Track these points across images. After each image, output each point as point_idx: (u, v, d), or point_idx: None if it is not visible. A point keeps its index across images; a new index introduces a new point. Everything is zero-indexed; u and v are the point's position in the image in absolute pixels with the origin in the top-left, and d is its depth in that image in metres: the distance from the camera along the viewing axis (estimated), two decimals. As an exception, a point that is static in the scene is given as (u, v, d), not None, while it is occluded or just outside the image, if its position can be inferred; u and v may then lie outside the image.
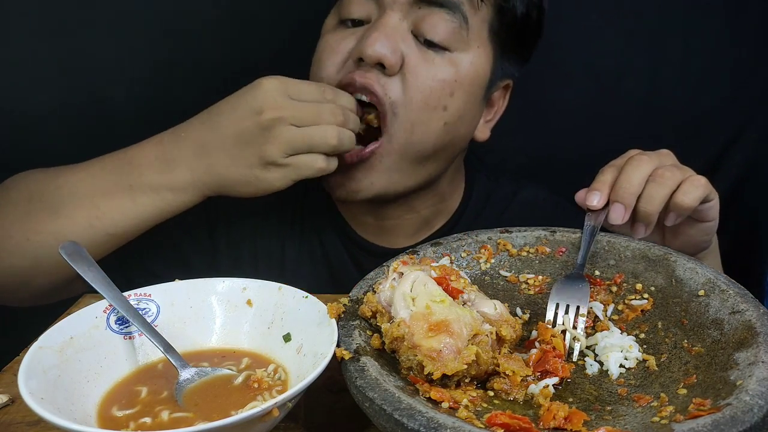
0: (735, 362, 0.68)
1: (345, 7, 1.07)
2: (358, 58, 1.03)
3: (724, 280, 0.81)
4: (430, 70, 1.04)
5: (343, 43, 1.07)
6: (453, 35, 1.04)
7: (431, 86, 1.04)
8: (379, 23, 1.03)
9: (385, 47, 1.01)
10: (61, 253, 0.82)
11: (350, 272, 1.23)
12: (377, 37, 1.01)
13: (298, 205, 1.26)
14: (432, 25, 1.03)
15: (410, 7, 1.03)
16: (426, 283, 0.78)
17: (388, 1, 1.03)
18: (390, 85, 1.03)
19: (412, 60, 1.03)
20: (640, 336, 0.82)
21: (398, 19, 1.03)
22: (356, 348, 0.72)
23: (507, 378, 0.73)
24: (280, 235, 1.25)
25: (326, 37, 1.09)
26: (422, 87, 1.04)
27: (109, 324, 0.79)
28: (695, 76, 1.51)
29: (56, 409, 0.63)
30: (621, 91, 1.53)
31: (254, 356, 0.81)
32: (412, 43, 1.04)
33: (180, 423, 0.69)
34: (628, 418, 0.67)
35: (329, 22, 1.11)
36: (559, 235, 0.97)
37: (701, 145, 1.55)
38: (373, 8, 1.05)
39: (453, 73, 1.05)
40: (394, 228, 1.23)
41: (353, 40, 1.06)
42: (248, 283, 0.85)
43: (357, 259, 1.24)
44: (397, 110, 1.04)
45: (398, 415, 0.61)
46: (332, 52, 1.07)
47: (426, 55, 1.04)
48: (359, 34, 1.06)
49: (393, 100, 1.04)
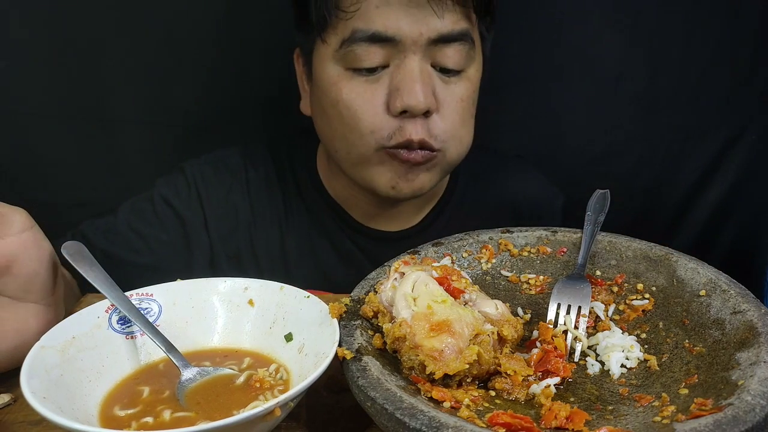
0: (736, 362, 0.68)
1: (355, 57, 1.04)
2: (402, 111, 1.04)
3: (726, 280, 0.81)
4: (455, 94, 1.09)
5: (373, 94, 1.06)
6: (466, 59, 1.08)
7: (462, 106, 1.10)
8: (409, 71, 1.03)
9: (428, 96, 1.04)
10: (63, 253, 0.83)
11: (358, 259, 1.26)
12: (418, 89, 1.03)
13: (293, 199, 1.28)
14: (449, 57, 1.06)
15: (428, 46, 1.04)
16: (427, 283, 0.78)
17: (408, 44, 1.03)
18: (435, 129, 1.08)
19: (441, 93, 1.07)
20: (642, 336, 0.82)
21: (420, 59, 1.04)
22: (358, 348, 0.72)
23: (508, 378, 0.73)
24: (280, 230, 1.26)
25: (346, 89, 1.07)
26: (456, 111, 1.09)
27: (111, 324, 0.79)
28: (695, 76, 1.51)
29: (58, 409, 0.63)
30: (621, 91, 1.53)
31: (256, 356, 0.81)
32: (435, 77, 1.07)
33: (182, 422, 0.69)
34: (629, 417, 0.67)
35: (333, 69, 1.08)
36: (560, 235, 0.97)
37: (701, 145, 1.55)
38: (389, 53, 1.04)
39: (470, 86, 1.12)
40: (398, 214, 1.26)
41: (381, 89, 1.06)
42: (250, 282, 0.85)
43: (360, 244, 1.27)
44: (447, 145, 1.10)
45: (400, 414, 0.61)
46: (366, 103, 1.06)
47: (448, 83, 1.08)
48: (385, 82, 1.06)
49: (443, 140, 1.09)
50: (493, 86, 1.27)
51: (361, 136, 1.08)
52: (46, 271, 0.82)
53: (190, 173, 1.28)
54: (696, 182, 1.57)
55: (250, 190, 1.28)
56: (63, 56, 1.45)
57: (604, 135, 1.57)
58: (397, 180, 1.11)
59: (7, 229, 0.79)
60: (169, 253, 1.25)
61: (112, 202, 1.31)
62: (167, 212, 1.26)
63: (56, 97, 1.48)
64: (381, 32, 1.02)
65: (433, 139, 1.07)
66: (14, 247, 0.78)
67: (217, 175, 1.28)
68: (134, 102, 1.50)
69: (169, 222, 1.26)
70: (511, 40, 1.45)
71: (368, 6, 1.02)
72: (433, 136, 1.07)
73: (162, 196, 1.27)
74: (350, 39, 1.04)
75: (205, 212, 1.26)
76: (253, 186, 1.28)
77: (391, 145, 1.07)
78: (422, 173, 1.11)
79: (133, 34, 1.46)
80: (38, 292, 0.82)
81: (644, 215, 1.60)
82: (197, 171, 1.28)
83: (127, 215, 1.26)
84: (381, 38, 1.02)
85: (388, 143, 1.07)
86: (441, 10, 1.02)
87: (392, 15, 1.01)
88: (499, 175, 1.37)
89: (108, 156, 1.53)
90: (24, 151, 1.50)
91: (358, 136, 1.08)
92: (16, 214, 0.80)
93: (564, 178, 1.52)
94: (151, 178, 1.30)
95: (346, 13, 1.03)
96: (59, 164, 1.52)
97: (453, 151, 1.12)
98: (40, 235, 0.83)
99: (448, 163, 1.14)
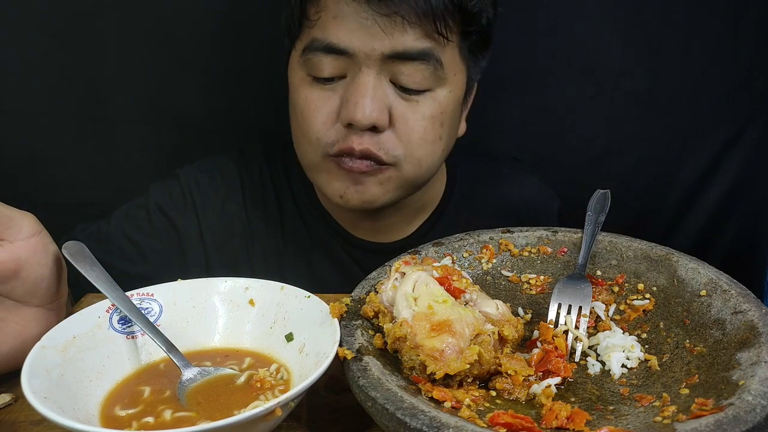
0: (737, 362, 0.68)
1: (313, 66, 1.04)
2: (348, 123, 1.03)
3: (726, 280, 0.81)
4: (417, 113, 1.06)
5: (325, 102, 1.05)
6: (430, 79, 1.05)
7: (423, 126, 1.07)
8: (360, 84, 1.01)
9: (374, 111, 1.01)
10: (64, 253, 0.83)
11: (354, 270, 1.24)
12: (365, 103, 1.01)
13: (289, 208, 1.27)
14: (409, 76, 1.03)
15: (383, 61, 1.01)
16: (428, 283, 0.78)
17: (362, 58, 1.01)
18: (386, 144, 1.05)
19: (398, 110, 1.05)
20: (642, 336, 0.82)
21: (375, 74, 1.02)
22: (359, 348, 0.72)
23: (509, 378, 0.73)
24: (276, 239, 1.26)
25: (303, 95, 1.07)
26: (415, 130, 1.06)
27: (111, 323, 0.79)
28: (695, 76, 1.51)
29: (59, 409, 0.63)
30: (621, 91, 1.53)
31: (257, 356, 0.81)
32: (393, 93, 1.04)
33: (182, 422, 0.69)
34: (630, 417, 0.67)
35: (297, 74, 1.08)
36: (560, 235, 0.97)
37: (701, 145, 1.55)
38: (344, 64, 1.03)
39: (437, 107, 1.07)
40: (388, 226, 1.25)
41: (334, 98, 1.05)
42: (251, 282, 0.85)
43: (357, 258, 1.26)
44: (400, 161, 1.07)
45: (401, 414, 0.61)
46: (317, 111, 1.06)
47: (409, 102, 1.05)
48: (339, 92, 1.04)
49: (394, 155, 1.06)
50: (492, 86, 1.27)
51: (309, 142, 1.08)
52: (53, 276, 0.82)
53: (185, 181, 1.27)
54: (696, 182, 1.57)
55: (245, 199, 1.27)
56: (63, 56, 1.45)
57: (604, 135, 1.57)
58: (344, 189, 1.09)
59: (16, 233, 0.78)
60: (163, 262, 1.24)
61: (112, 202, 1.31)
62: (162, 221, 1.25)
63: (56, 97, 1.47)
64: (334, 44, 1.01)
65: (381, 152, 1.05)
66: (23, 251, 0.78)
67: (212, 184, 1.27)
68: (134, 102, 1.50)
69: (163, 231, 1.25)
70: (511, 40, 1.45)
71: (326, 16, 1.01)
72: (382, 150, 1.05)
73: (157, 204, 1.26)
74: (309, 47, 1.04)
75: (200, 221, 1.25)
76: (249, 194, 1.28)
77: (334, 153, 1.06)
78: (372, 186, 1.09)
79: (133, 34, 1.46)
80: (43, 297, 0.81)
81: (644, 215, 1.60)
82: (192, 179, 1.27)
83: (121, 223, 1.25)
84: (335, 50, 1.01)
85: (331, 150, 1.06)
86: (391, 28, 0.99)
87: (346, 27, 1.00)
88: (495, 181, 1.37)
89: (108, 156, 1.52)
90: (24, 151, 1.50)
91: (307, 141, 1.08)
92: (24, 219, 0.80)
93: (564, 178, 1.53)
94: (151, 179, 1.30)
95: (310, 21, 1.04)
96: (59, 164, 1.52)
97: (409, 169, 1.09)
98: (48, 240, 0.82)
99: (406, 180, 1.10)
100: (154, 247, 1.24)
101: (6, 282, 0.78)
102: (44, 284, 0.81)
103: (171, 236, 1.25)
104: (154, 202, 1.26)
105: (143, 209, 1.26)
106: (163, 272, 1.20)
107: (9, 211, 0.79)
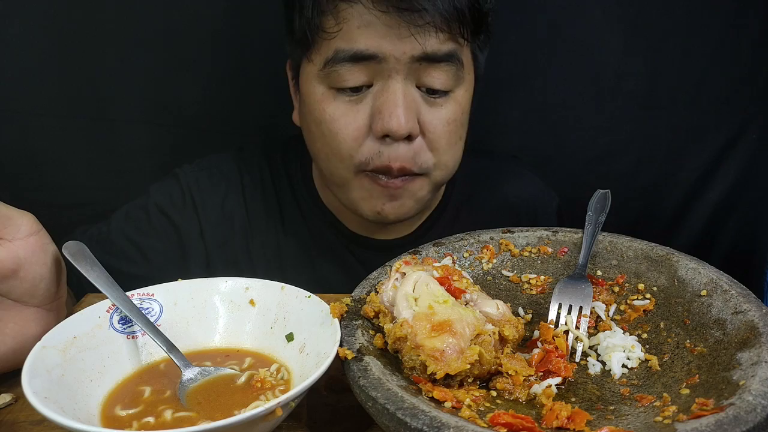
0: (738, 362, 0.68)
1: (338, 77, 1.03)
2: (383, 134, 1.02)
3: (727, 280, 0.81)
4: (442, 117, 1.06)
5: (354, 116, 1.04)
6: (453, 80, 1.06)
7: (448, 131, 1.08)
8: (391, 93, 1.01)
9: (409, 120, 1.02)
10: (64, 253, 0.83)
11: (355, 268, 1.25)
12: (399, 113, 1.01)
13: (289, 205, 1.27)
14: (435, 78, 1.03)
15: (411, 65, 1.01)
16: (428, 283, 0.78)
17: (391, 63, 1.00)
18: (419, 154, 1.06)
19: (426, 116, 1.05)
20: (643, 336, 0.82)
21: (403, 79, 1.02)
22: (359, 348, 0.72)
23: (510, 378, 0.73)
24: (276, 237, 1.26)
25: (329, 110, 1.05)
26: (442, 137, 1.07)
27: (112, 323, 0.79)
28: (695, 76, 1.51)
29: (60, 409, 0.63)
30: (621, 90, 1.53)
31: (257, 356, 0.81)
32: (419, 98, 1.05)
33: (183, 422, 0.69)
34: (630, 417, 0.67)
35: (317, 89, 1.06)
36: (561, 236, 0.97)
37: (701, 145, 1.55)
38: (372, 72, 1.02)
39: (458, 108, 1.08)
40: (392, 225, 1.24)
41: (363, 110, 1.04)
42: (251, 282, 0.85)
43: (357, 254, 1.26)
44: (431, 170, 1.09)
45: (401, 414, 0.61)
46: (346, 126, 1.04)
47: (433, 105, 1.06)
48: (367, 102, 1.04)
49: (427, 166, 1.08)
50: (492, 86, 1.27)
51: (342, 159, 1.07)
52: (52, 276, 0.82)
53: (184, 180, 1.26)
54: (696, 182, 1.57)
55: (245, 197, 1.27)
56: (63, 56, 1.45)
57: (604, 135, 1.57)
58: (382, 206, 1.10)
59: (15, 232, 0.78)
60: (164, 262, 1.24)
61: (112, 202, 1.31)
62: (162, 221, 1.25)
63: (56, 97, 1.48)
64: (363, 50, 1.00)
65: (414, 166, 1.06)
66: (21, 251, 0.78)
67: (211, 182, 1.27)
68: (134, 102, 1.50)
69: (164, 231, 1.25)
70: (511, 40, 1.45)
71: (350, 27, 1.00)
72: (415, 163, 1.06)
73: (156, 204, 1.25)
74: (333, 59, 1.02)
75: (201, 220, 1.25)
76: (249, 192, 1.28)
77: (370, 169, 1.06)
78: (408, 199, 1.10)
79: (133, 34, 1.46)
80: (42, 297, 0.81)
81: (644, 215, 1.60)
82: (192, 178, 1.27)
83: (121, 224, 1.25)
84: (363, 56, 1.00)
85: (367, 167, 1.06)
86: (419, 32, 0.99)
87: (376, 34, 0.99)
88: (495, 178, 1.37)
89: (108, 156, 1.53)
90: (24, 151, 1.50)
91: (339, 158, 1.07)
92: (23, 218, 0.80)
93: (564, 178, 1.53)
94: (151, 179, 1.30)
95: (328, 33, 1.02)
96: (59, 164, 1.52)
97: (438, 175, 1.11)
98: (47, 239, 0.82)
99: (435, 185, 1.13)
100: (154, 247, 1.24)
101: (5, 281, 0.78)
102: (43, 284, 0.81)
103: (171, 236, 1.25)
104: (153, 202, 1.26)
105: (143, 210, 1.26)
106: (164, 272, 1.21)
107: (7, 210, 0.79)
